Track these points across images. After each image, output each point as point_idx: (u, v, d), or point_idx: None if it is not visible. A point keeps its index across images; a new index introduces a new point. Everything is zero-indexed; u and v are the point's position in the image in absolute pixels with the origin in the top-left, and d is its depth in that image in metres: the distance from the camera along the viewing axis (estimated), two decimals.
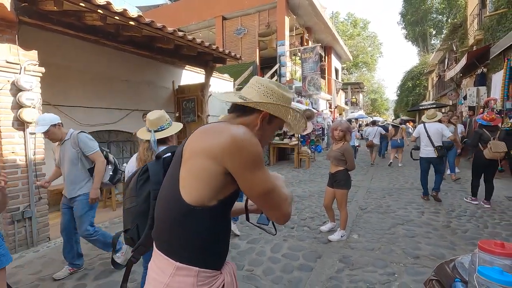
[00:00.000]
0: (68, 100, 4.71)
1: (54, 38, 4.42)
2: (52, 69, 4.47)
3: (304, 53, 10.17)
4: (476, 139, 4.45)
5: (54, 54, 4.51)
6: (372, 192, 5.82)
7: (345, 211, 3.49)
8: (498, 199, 4.90)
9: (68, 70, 4.74)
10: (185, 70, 7.20)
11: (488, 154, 4.24)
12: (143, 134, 2.02)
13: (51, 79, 4.47)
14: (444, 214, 4.27)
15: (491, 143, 4.21)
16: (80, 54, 4.91)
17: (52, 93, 4.47)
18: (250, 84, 1.05)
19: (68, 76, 4.74)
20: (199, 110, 6.40)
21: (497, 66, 8.34)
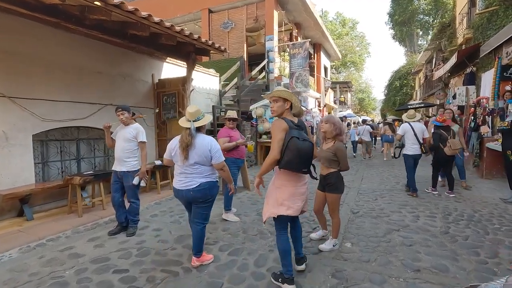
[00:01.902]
0: (28, 92, 4.16)
1: (9, 20, 3.87)
2: (7, 56, 3.93)
3: (292, 49, 9.83)
4: (437, 139, 4.98)
5: (10, 39, 3.96)
6: (363, 193, 5.53)
7: (337, 218, 3.15)
8: (493, 201, 4.70)
9: (28, 58, 4.18)
10: (166, 62, 6.71)
11: (448, 152, 4.78)
12: (184, 123, 2.63)
13: (7, 68, 3.93)
14: (440, 218, 4.00)
15: (450, 142, 4.75)
16: (43, 40, 4.36)
17: (8, 84, 3.92)
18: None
19: (29, 64, 4.19)
20: (180, 105, 5.93)
21: (487, 65, 8.25)
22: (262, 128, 8.58)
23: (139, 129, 3.56)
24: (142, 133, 3.56)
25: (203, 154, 2.57)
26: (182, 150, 2.54)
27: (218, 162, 2.65)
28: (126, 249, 3.15)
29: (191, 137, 2.51)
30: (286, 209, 2.32)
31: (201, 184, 2.60)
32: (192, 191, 2.58)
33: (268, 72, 10.18)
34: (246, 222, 4.01)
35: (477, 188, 5.58)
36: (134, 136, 3.52)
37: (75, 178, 3.93)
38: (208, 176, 2.66)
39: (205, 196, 2.64)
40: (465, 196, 5.01)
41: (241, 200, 5.10)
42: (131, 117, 3.59)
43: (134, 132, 3.52)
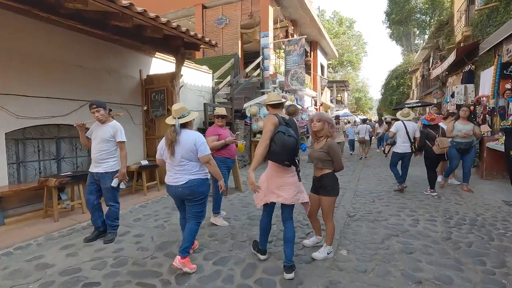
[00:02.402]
0: (0, 87, 3.85)
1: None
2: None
3: (288, 46, 9.57)
4: (423, 138, 5.00)
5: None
6: (360, 195, 5.29)
7: (331, 223, 2.90)
8: (495, 204, 4.49)
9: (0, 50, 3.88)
10: (155, 58, 6.41)
11: (437, 150, 4.78)
12: (170, 121, 2.64)
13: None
14: (441, 222, 3.78)
15: (438, 140, 4.75)
16: (17, 30, 4.05)
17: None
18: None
19: (0, 57, 3.88)
20: (169, 102, 5.65)
21: (486, 63, 8.07)
22: (256, 127, 8.32)
23: (117, 127, 3.28)
24: (121, 132, 3.28)
25: (189, 149, 2.56)
26: (168, 147, 2.56)
27: (203, 155, 2.61)
28: (102, 258, 2.87)
29: (176, 133, 2.53)
30: (276, 197, 2.59)
31: (189, 181, 2.59)
32: (181, 188, 2.59)
33: (263, 70, 9.92)
34: (235, 226, 3.75)
35: (477, 189, 5.37)
36: (112, 135, 3.24)
37: (50, 180, 3.65)
38: (196, 173, 2.64)
39: (193, 193, 2.61)
40: (466, 198, 4.80)
41: (232, 202, 4.84)
42: (108, 114, 3.30)
43: (112, 131, 3.24)
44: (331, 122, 2.76)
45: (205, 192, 2.72)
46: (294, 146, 2.43)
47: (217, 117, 4.05)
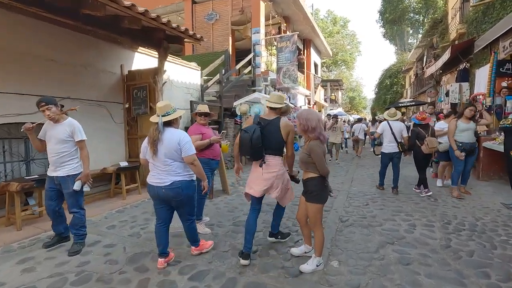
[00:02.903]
0: None
1: None
2: None
3: (280, 42, 9.28)
4: (413, 137, 4.94)
5: None
6: (353, 197, 5.04)
7: (319, 232, 2.61)
8: (494, 207, 4.26)
9: None
10: (138, 53, 6.06)
11: (425, 150, 4.72)
12: (154, 119, 2.51)
13: None
14: (439, 228, 3.53)
15: (427, 140, 4.69)
16: None
17: None
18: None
19: None
20: (151, 100, 5.31)
21: (482, 61, 7.91)
22: None
23: (74, 125, 2.94)
24: (79, 130, 2.94)
25: (172, 148, 2.44)
26: (150, 146, 2.45)
27: (187, 154, 2.49)
28: (62, 274, 2.54)
29: (158, 132, 2.42)
30: (249, 189, 2.81)
31: (174, 182, 2.48)
32: (164, 189, 2.48)
33: (254, 67, 9.61)
34: (218, 234, 3.45)
35: (475, 191, 5.16)
36: (69, 134, 2.90)
37: (12, 184, 3.29)
38: (181, 174, 2.52)
39: (178, 196, 2.51)
40: (464, 201, 4.58)
41: (218, 206, 4.53)
42: (60, 111, 2.95)
43: (69, 129, 2.90)
44: (310, 123, 2.44)
45: (191, 194, 2.63)
46: (248, 142, 2.59)
47: (199, 115, 3.73)
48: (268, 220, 3.90)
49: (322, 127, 2.50)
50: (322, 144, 2.48)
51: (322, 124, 2.53)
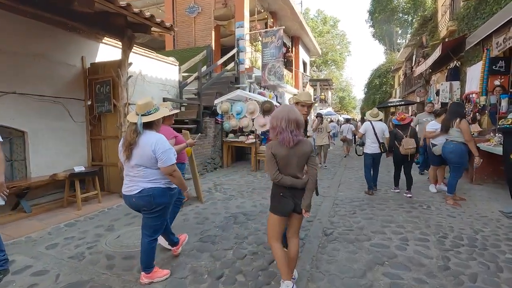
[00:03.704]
0: None
1: None
2: None
3: (265, 37, 8.78)
4: (392, 138, 4.92)
5: None
6: (340, 204, 4.58)
7: (275, 250, 2.17)
8: (493, 216, 3.87)
9: None
10: (103, 44, 5.44)
11: (402, 151, 4.67)
12: (132, 118, 2.20)
13: None
14: (435, 243, 3.09)
15: (403, 141, 4.65)
16: None
17: None
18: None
19: None
20: (115, 96, 4.71)
21: (473, 58, 7.60)
22: (228, 126, 7.49)
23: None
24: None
25: (145, 154, 2.14)
26: (125, 149, 2.17)
27: (165, 165, 2.17)
28: None
29: (136, 134, 2.13)
30: None
31: (144, 189, 2.19)
32: (134, 198, 2.21)
33: (238, 63, 9.08)
34: (182, 252, 2.90)
35: (469, 196, 4.79)
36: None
37: None
38: (154, 180, 2.21)
39: (149, 205, 2.21)
40: (459, 209, 4.17)
41: (186, 217, 3.98)
42: None
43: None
44: (271, 121, 2.12)
45: (164, 204, 2.29)
46: None
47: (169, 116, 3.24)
48: (241, 233, 3.40)
49: (288, 128, 2.03)
50: (282, 146, 2.06)
51: (290, 125, 2.04)
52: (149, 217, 2.29)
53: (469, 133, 4.09)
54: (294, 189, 2.10)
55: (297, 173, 2.10)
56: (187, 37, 10.25)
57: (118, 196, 4.73)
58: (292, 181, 2.07)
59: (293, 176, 2.09)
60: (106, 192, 5.04)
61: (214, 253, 2.93)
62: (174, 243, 2.78)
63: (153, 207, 2.22)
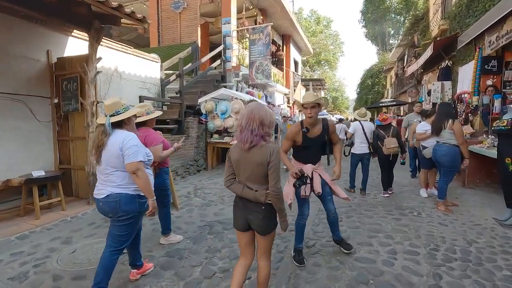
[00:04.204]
0: None
1: None
2: None
3: (253, 34, 8.45)
4: (375, 138, 4.92)
5: None
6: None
7: (237, 267, 1.93)
8: (487, 224, 3.61)
9: None
10: (73, 37, 5.03)
11: (385, 151, 4.68)
12: (101, 120, 2.10)
13: None
14: (425, 256, 2.81)
15: (385, 141, 4.65)
16: None
17: None
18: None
19: None
20: (82, 94, 4.32)
21: (465, 58, 7.41)
22: (213, 126, 7.14)
23: None
24: None
25: (114, 154, 2.00)
26: (94, 152, 2.07)
27: (129, 161, 1.99)
28: None
29: (105, 135, 2.03)
30: None
31: (111, 195, 2.04)
32: (101, 202, 2.07)
33: (225, 61, 8.73)
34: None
35: (461, 201, 4.54)
36: None
37: None
38: (122, 185, 2.05)
39: (114, 212, 2.04)
40: (451, 216, 3.91)
41: (156, 227, 3.60)
42: None
43: None
44: (240, 121, 1.80)
45: (132, 212, 2.08)
46: None
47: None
48: (214, 246, 3.06)
49: (248, 127, 1.73)
50: (238, 148, 1.79)
51: (252, 123, 1.72)
52: (115, 225, 2.10)
53: (462, 135, 3.84)
54: (246, 201, 1.79)
55: (250, 183, 1.78)
56: (172, 33, 9.86)
57: (86, 203, 4.35)
58: (243, 192, 1.77)
59: (247, 185, 1.79)
60: (75, 198, 4.65)
61: (180, 270, 2.59)
62: (136, 265, 2.44)
63: (119, 215, 2.04)
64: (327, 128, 2.71)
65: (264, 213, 1.76)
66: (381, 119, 4.94)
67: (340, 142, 2.77)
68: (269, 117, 1.78)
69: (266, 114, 1.76)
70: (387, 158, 4.80)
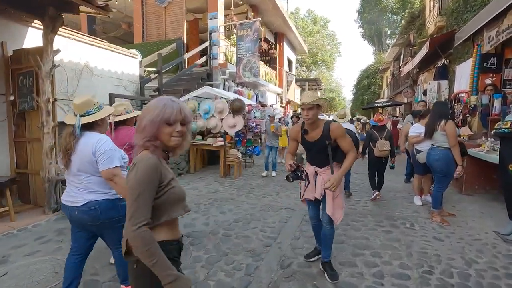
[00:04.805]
0: None
1: None
2: None
3: (240, 30, 8.02)
4: (367, 139, 4.76)
5: None
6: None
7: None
8: (488, 239, 3.20)
9: None
10: (33, 28, 4.57)
11: (376, 153, 4.52)
12: (70, 120, 1.93)
13: None
14: (416, 281, 2.39)
15: (378, 143, 4.48)
16: None
17: None
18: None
19: None
20: (38, 90, 3.87)
21: (463, 55, 7.04)
22: (195, 127, 6.69)
23: None
24: None
25: (85, 159, 1.83)
26: (62, 156, 1.87)
27: (104, 168, 1.82)
28: None
29: (73, 137, 1.84)
30: None
31: (89, 202, 1.86)
32: (77, 211, 1.87)
33: (211, 58, 8.29)
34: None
35: (459, 210, 4.14)
36: None
37: None
38: (99, 191, 1.89)
39: (96, 220, 1.87)
40: (448, 228, 3.50)
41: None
42: None
43: None
44: (139, 122, 1.14)
45: (114, 217, 1.94)
46: None
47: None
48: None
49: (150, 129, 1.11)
50: (160, 161, 1.13)
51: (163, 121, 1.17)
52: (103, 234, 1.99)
53: (455, 136, 3.42)
54: None
55: None
56: (157, 29, 9.42)
57: (41, 212, 3.89)
58: None
59: None
60: (32, 206, 4.19)
61: None
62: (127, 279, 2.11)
63: (99, 222, 1.89)
64: (327, 134, 2.37)
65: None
66: (377, 120, 4.78)
67: (353, 151, 2.37)
68: (144, 120, 1.12)
69: (144, 114, 1.14)
70: (378, 161, 4.64)
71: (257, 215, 4.12)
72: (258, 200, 4.85)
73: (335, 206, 2.42)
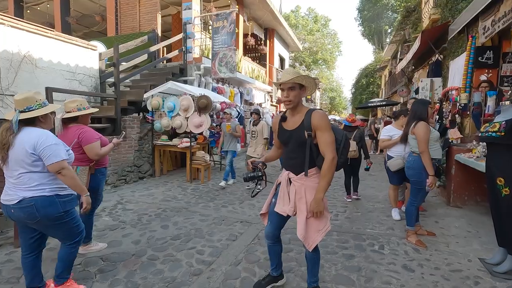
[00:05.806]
0: None
1: None
2: None
3: (216, 21, 7.40)
4: None
5: None
6: (262, 239, 3.23)
7: None
8: (470, 271, 2.56)
9: None
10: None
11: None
12: (10, 115, 1.93)
13: None
14: None
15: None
16: None
17: None
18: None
19: None
20: None
21: (457, 50, 6.36)
22: (159, 126, 6.09)
23: None
24: None
25: (21, 154, 1.79)
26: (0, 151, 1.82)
27: (51, 162, 1.80)
28: None
29: (11, 132, 1.81)
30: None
31: (24, 200, 1.81)
32: (13, 209, 1.84)
33: (185, 52, 7.69)
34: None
35: (441, 228, 3.50)
36: None
37: None
38: (35, 188, 1.82)
39: (32, 218, 1.82)
40: (424, 253, 2.87)
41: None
42: None
43: None
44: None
45: (54, 214, 1.85)
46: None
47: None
48: None
49: None
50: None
51: None
52: (50, 230, 1.96)
53: (425, 141, 2.75)
54: None
55: None
56: (131, 21, 8.83)
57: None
58: None
59: None
60: None
61: None
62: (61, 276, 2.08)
63: (37, 220, 1.83)
64: (308, 123, 1.78)
65: None
66: (350, 120, 4.60)
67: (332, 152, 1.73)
68: None
69: None
70: (350, 162, 4.48)
71: (203, 230, 3.51)
72: (215, 211, 4.24)
73: (309, 227, 1.83)
